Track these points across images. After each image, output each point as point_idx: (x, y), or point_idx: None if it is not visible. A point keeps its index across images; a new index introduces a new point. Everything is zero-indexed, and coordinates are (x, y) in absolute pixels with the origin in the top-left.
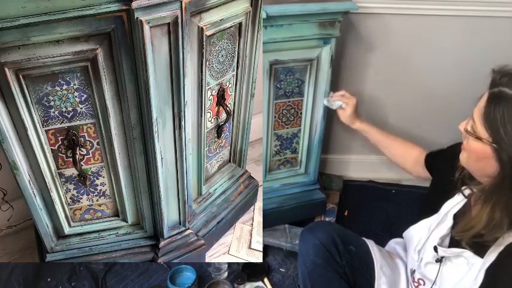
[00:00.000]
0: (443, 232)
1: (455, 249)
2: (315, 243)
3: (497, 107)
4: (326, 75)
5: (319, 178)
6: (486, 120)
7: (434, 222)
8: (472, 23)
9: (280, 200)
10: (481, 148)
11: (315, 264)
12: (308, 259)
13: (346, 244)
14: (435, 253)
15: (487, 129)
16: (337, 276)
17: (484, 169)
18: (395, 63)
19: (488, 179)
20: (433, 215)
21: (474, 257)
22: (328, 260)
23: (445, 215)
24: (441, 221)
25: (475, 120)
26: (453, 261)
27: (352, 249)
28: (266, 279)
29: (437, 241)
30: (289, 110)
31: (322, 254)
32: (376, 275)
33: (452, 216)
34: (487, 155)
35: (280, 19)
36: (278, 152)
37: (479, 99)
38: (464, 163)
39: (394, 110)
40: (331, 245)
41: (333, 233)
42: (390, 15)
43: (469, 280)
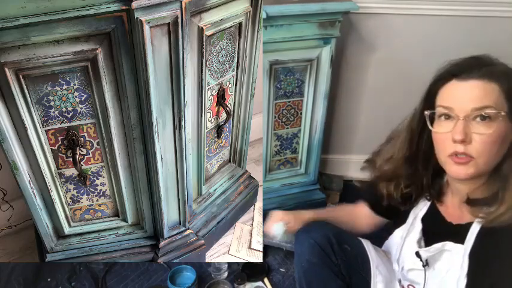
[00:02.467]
0: (417, 236)
1: (436, 245)
2: (310, 242)
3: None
4: (326, 75)
5: (319, 178)
6: (508, 94)
7: (405, 230)
8: (473, 23)
9: (280, 200)
10: (504, 124)
11: (310, 263)
12: (303, 259)
13: (341, 243)
14: (417, 259)
15: (508, 102)
16: (333, 275)
17: (501, 149)
18: (396, 63)
19: (489, 169)
20: (403, 224)
21: (456, 246)
22: (323, 259)
23: (414, 220)
24: (411, 228)
25: (487, 105)
26: (437, 259)
27: (347, 248)
28: (266, 279)
29: (415, 247)
30: (289, 110)
31: (318, 253)
32: (372, 274)
33: (420, 220)
34: (508, 129)
35: (280, 19)
36: (278, 152)
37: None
38: (479, 156)
39: (394, 110)
40: (326, 244)
41: (328, 233)
42: (391, 15)
43: (456, 269)
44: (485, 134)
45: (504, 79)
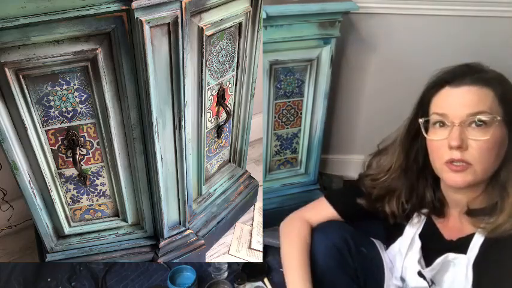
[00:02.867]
0: (417, 256)
1: (437, 261)
2: (327, 244)
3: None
4: (326, 76)
5: (319, 178)
6: (502, 99)
7: (403, 247)
8: (473, 23)
9: (280, 200)
10: (500, 130)
11: (327, 267)
12: (319, 261)
13: (358, 246)
14: (421, 278)
15: (503, 107)
16: (349, 279)
17: (498, 155)
18: (396, 63)
19: (487, 174)
20: (398, 238)
21: (457, 256)
22: (340, 262)
23: (412, 239)
24: (410, 246)
25: (482, 110)
26: (442, 274)
27: (363, 251)
28: (266, 279)
29: (416, 267)
30: (289, 110)
31: (334, 256)
32: (386, 277)
33: (418, 237)
34: (504, 134)
35: (280, 19)
36: (278, 152)
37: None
38: (476, 163)
39: (394, 110)
40: (344, 246)
41: (346, 234)
42: (391, 15)
43: (461, 280)
44: (481, 140)
45: (497, 84)
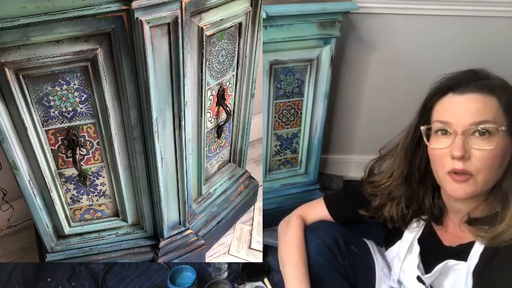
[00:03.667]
0: (416, 261)
1: (437, 267)
2: (317, 242)
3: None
4: (326, 75)
5: (319, 178)
6: (506, 108)
7: (402, 251)
8: (473, 23)
9: (280, 200)
10: (504, 140)
11: (316, 264)
12: (310, 259)
13: (348, 245)
14: (420, 284)
15: (507, 116)
16: (339, 277)
17: (500, 166)
18: (396, 63)
19: (492, 183)
20: (397, 242)
21: (457, 263)
22: (330, 260)
23: (411, 243)
24: (409, 250)
25: (486, 120)
26: (442, 279)
27: (353, 249)
28: (266, 279)
29: (415, 272)
30: (289, 110)
31: (325, 254)
32: (377, 277)
33: (417, 242)
34: (508, 144)
35: (280, 19)
36: (278, 152)
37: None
38: (478, 173)
39: (394, 110)
40: (333, 245)
41: (336, 233)
42: (391, 15)
43: (461, 287)
44: (485, 150)
45: (502, 93)
